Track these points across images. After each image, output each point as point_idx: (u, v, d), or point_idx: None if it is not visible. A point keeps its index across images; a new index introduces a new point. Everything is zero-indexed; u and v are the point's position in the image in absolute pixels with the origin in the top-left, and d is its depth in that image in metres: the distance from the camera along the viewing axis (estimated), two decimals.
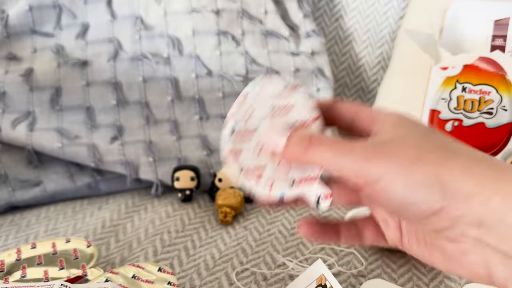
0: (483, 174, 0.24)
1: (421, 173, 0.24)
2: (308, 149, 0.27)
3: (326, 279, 0.38)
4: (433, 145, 0.26)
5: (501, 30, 0.54)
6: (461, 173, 0.24)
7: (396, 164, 0.25)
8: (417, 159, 0.25)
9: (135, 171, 0.67)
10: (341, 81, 0.85)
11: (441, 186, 0.24)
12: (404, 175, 0.24)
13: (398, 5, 0.80)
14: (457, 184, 0.24)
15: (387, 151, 0.25)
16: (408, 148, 0.25)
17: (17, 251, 0.49)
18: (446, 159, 0.24)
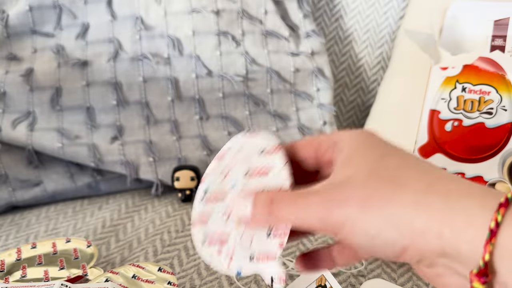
0: (431, 206, 0.24)
1: (375, 216, 0.25)
2: (272, 211, 0.28)
3: (326, 279, 0.38)
4: (381, 181, 0.26)
5: (501, 30, 0.54)
6: (412, 208, 0.24)
7: (351, 209, 0.25)
8: (368, 200, 0.25)
9: (135, 171, 0.67)
10: (341, 81, 0.85)
11: (397, 226, 0.24)
12: (361, 220, 0.25)
13: (398, 5, 0.80)
14: (411, 222, 0.24)
15: (340, 195, 0.26)
16: (358, 189, 0.26)
17: (17, 251, 0.49)
18: (395, 196, 0.25)
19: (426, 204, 0.24)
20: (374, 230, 0.25)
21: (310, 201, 0.27)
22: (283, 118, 0.73)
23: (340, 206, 0.26)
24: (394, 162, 0.27)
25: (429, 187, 0.25)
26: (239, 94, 0.71)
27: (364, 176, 0.26)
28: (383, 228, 0.25)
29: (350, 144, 0.28)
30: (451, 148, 0.56)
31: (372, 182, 0.26)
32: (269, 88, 0.73)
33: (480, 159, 0.54)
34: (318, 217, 0.26)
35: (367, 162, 0.27)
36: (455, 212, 0.23)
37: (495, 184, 0.52)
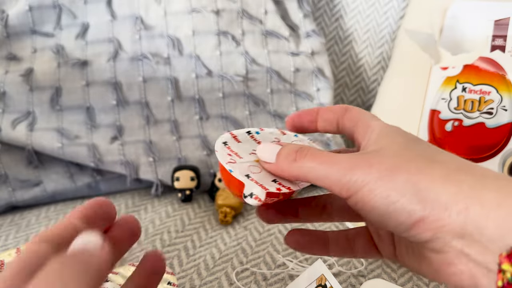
0: (462, 182, 0.23)
1: (400, 182, 0.24)
2: (296, 161, 0.28)
3: (326, 279, 0.38)
4: (413, 154, 0.25)
5: (501, 30, 0.54)
6: (440, 182, 0.23)
7: (376, 173, 0.25)
8: (396, 168, 0.25)
9: (135, 171, 0.67)
10: (341, 81, 0.85)
11: (420, 195, 0.24)
12: (383, 184, 0.24)
13: (398, 5, 0.80)
14: (436, 194, 0.23)
15: (368, 161, 0.26)
16: (388, 157, 0.25)
17: (17, 251, 0.49)
18: (425, 168, 0.24)
19: (456, 180, 0.23)
20: (394, 195, 0.24)
21: (337, 159, 0.27)
22: (283, 118, 0.73)
23: (365, 167, 0.25)
24: (427, 146, 0.27)
25: (462, 167, 0.24)
26: (239, 94, 0.71)
27: (397, 148, 0.26)
28: (404, 194, 0.24)
29: (383, 126, 0.28)
30: (451, 148, 0.56)
31: (404, 153, 0.25)
32: (269, 88, 0.73)
33: (481, 159, 0.54)
34: (339, 175, 0.26)
35: (401, 140, 0.27)
36: (488, 190, 0.22)
37: None
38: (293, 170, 0.28)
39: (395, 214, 0.24)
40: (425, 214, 0.23)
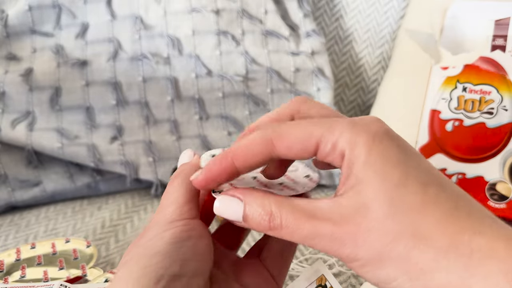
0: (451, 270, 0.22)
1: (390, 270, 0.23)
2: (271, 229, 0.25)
3: (326, 279, 0.38)
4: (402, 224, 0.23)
5: (501, 30, 0.54)
6: (429, 270, 0.23)
7: (365, 256, 0.24)
8: (383, 253, 0.23)
9: (135, 171, 0.67)
10: (341, 81, 0.85)
11: (413, 280, 0.23)
12: (375, 267, 0.24)
13: (399, 5, 0.80)
14: (429, 280, 0.23)
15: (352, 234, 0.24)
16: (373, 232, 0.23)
17: (16, 251, 0.49)
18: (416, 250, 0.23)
19: (446, 266, 0.22)
20: (387, 279, 0.24)
21: (318, 231, 0.24)
22: None
23: (353, 246, 0.24)
24: (414, 194, 0.24)
25: (451, 244, 0.23)
26: (239, 94, 0.71)
27: (383, 213, 0.23)
28: (397, 279, 0.23)
29: (365, 158, 0.24)
30: (452, 148, 0.56)
31: (391, 225, 0.23)
32: (269, 88, 0.73)
33: (481, 159, 0.54)
34: (327, 249, 0.24)
35: (386, 190, 0.24)
36: (475, 280, 0.22)
37: (495, 184, 0.52)
38: (275, 234, 0.25)
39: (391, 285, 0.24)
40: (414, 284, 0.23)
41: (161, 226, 0.26)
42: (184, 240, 0.26)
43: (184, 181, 0.28)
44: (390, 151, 0.25)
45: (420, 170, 0.24)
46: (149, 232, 0.27)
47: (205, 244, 0.27)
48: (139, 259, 0.25)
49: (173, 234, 0.26)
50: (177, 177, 0.29)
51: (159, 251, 0.25)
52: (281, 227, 0.25)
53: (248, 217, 0.26)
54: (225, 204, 0.26)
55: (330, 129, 0.25)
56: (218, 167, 0.26)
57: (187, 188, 0.28)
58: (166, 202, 0.28)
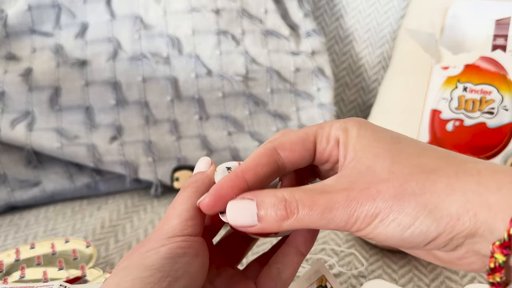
0: (465, 190, 0.24)
1: (409, 208, 0.24)
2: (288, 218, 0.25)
3: (326, 280, 0.38)
4: (407, 169, 0.25)
5: (502, 29, 0.54)
6: (446, 195, 0.24)
7: (382, 204, 0.24)
8: (400, 194, 0.24)
9: (134, 171, 0.66)
10: (342, 81, 0.85)
11: (432, 215, 0.24)
12: (393, 213, 0.24)
13: (399, 4, 0.80)
14: (446, 210, 0.24)
15: (367, 192, 0.24)
16: (385, 181, 0.24)
17: (16, 252, 0.49)
18: (427, 184, 0.24)
19: (460, 187, 0.24)
20: (409, 220, 0.24)
21: (334, 200, 0.25)
22: (283, 118, 0.73)
23: (369, 200, 0.24)
24: (410, 147, 0.26)
25: (459, 169, 0.24)
26: (239, 93, 0.71)
27: (388, 165, 0.25)
28: (418, 217, 0.24)
29: (355, 134, 0.27)
30: (452, 148, 0.56)
31: (399, 170, 0.25)
32: (269, 87, 0.72)
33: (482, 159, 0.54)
34: (344, 217, 0.25)
35: (384, 149, 0.26)
36: (490, 192, 0.23)
37: None
38: (287, 226, 0.26)
39: (411, 238, 0.24)
40: (441, 230, 0.24)
41: (160, 239, 0.27)
42: (178, 257, 0.26)
43: (194, 194, 0.29)
44: (377, 127, 0.28)
45: (400, 135, 0.28)
46: (149, 242, 0.27)
47: (199, 262, 0.27)
48: (132, 270, 0.26)
49: (169, 250, 0.26)
50: (188, 188, 0.29)
51: (152, 264, 0.25)
52: (297, 209, 0.25)
53: (263, 215, 0.25)
54: (237, 209, 0.26)
55: (321, 125, 0.28)
56: (229, 183, 0.27)
57: (194, 202, 0.28)
58: (172, 212, 0.28)
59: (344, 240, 0.54)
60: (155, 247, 0.27)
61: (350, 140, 0.27)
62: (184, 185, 0.30)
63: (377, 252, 0.51)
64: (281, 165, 0.28)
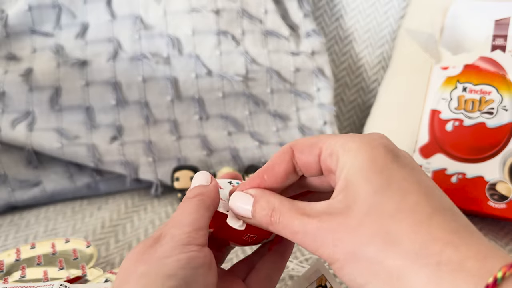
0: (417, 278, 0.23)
1: (365, 269, 0.24)
2: (272, 224, 0.28)
3: (326, 280, 0.38)
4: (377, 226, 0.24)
5: (501, 29, 0.54)
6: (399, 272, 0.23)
7: (341, 255, 0.25)
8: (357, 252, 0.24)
9: (134, 171, 0.67)
10: (341, 81, 0.85)
11: (383, 283, 0.24)
12: (350, 267, 0.25)
13: (399, 4, 0.80)
14: (396, 283, 0.23)
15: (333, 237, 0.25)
16: (351, 232, 0.25)
17: (16, 252, 0.49)
18: (386, 253, 0.24)
19: (412, 272, 0.23)
20: (361, 280, 0.25)
21: (307, 226, 0.26)
22: (283, 118, 0.73)
23: (330, 246, 0.25)
24: (392, 201, 0.25)
25: (421, 250, 0.23)
26: (239, 94, 0.71)
27: (361, 215, 0.25)
28: (369, 281, 0.24)
29: (353, 162, 0.26)
30: (452, 148, 0.56)
31: (367, 225, 0.24)
32: (269, 88, 0.73)
33: (481, 159, 0.54)
34: (311, 248, 0.26)
35: (367, 194, 0.25)
36: None
37: (495, 184, 0.52)
38: (273, 229, 0.28)
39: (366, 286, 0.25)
40: None
41: (178, 246, 0.27)
42: (198, 267, 0.26)
43: (203, 204, 0.29)
44: (378, 157, 0.26)
45: (405, 179, 0.25)
46: (164, 245, 0.27)
47: (213, 274, 0.28)
48: (155, 278, 0.25)
49: (189, 259, 0.26)
50: (195, 197, 0.29)
51: (175, 274, 0.25)
52: (278, 221, 0.27)
53: (254, 213, 0.29)
54: (238, 199, 0.29)
55: (332, 137, 0.28)
56: (249, 183, 0.29)
57: (204, 213, 0.29)
58: (183, 219, 0.28)
59: None
60: (173, 254, 0.26)
61: (346, 167, 0.26)
62: (189, 194, 0.30)
63: None
64: (296, 164, 0.29)
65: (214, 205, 0.30)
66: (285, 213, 0.27)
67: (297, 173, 0.30)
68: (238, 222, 0.30)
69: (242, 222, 0.30)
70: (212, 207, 0.30)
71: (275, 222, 0.27)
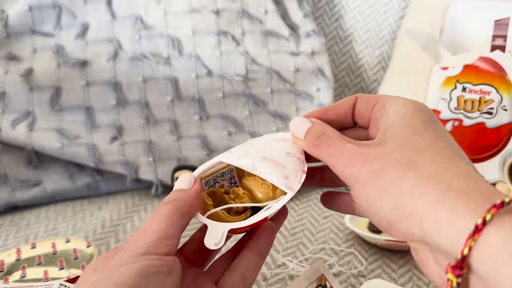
0: (425, 195, 0.25)
1: (379, 187, 0.27)
2: (316, 146, 0.31)
3: (326, 279, 0.38)
4: (400, 156, 0.27)
5: (501, 30, 0.54)
6: (408, 193, 0.26)
7: (364, 175, 0.28)
8: (380, 173, 0.27)
9: (135, 171, 0.67)
10: (341, 81, 0.85)
11: (389, 202, 0.26)
12: (367, 186, 0.27)
13: (398, 5, 0.80)
14: (403, 204, 0.26)
15: (363, 160, 0.28)
16: (380, 157, 0.28)
17: (17, 251, 0.49)
18: (402, 176, 0.26)
19: (421, 193, 0.25)
20: (373, 199, 0.27)
21: (343, 151, 0.29)
22: (283, 118, 0.73)
23: (359, 166, 0.28)
24: (422, 143, 0.28)
25: (435, 176, 0.26)
26: (239, 94, 0.71)
27: (394, 147, 0.28)
28: (381, 200, 0.27)
29: (399, 110, 0.30)
30: None
31: (396, 154, 0.27)
32: (269, 88, 0.73)
33: (481, 159, 0.54)
34: (341, 169, 0.29)
35: (405, 133, 0.28)
36: (444, 209, 0.24)
37: (495, 184, 0.52)
38: (314, 153, 0.31)
39: (376, 214, 0.28)
40: (393, 221, 0.26)
41: (133, 255, 0.26)
42: (152, 276, 0.26)
43: (174, 212, 0.29)
44: (422, 111, 0.30)
45: (440, 131, 0.29)
46: (120, 255, 0.27)
47: (172, 282, 0.27)
48: (107, 286, 0.25)
49: (143, 267, 0.26)
50: (169, 205, 0.29)
51: (125, 281, 0.25)
52: (323, 143, 0.30)
53: (308, 133, 0.31)
54: (299, 122, 0.32)
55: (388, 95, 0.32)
56: (313, 114, 0.33)
57: (174, 221, 0.28)
58: (150, 227, 0.28)
59: (343, 239, 0.54)
60: (127, 262, 0.26)
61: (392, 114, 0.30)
62: (165, 200, 0.30)
63: (376, 252, 0.51)
64: (355, 110, 0.33)
65: (190, 212, 0.29)
66: (332, 137, 0.30)
67: (354, 119, 0.33)
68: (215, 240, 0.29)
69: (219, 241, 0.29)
70: (187, 215, 0.29)
71: (320, 143, 0.30)
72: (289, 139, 0.34)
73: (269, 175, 0.31)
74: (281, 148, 0.33)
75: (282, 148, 0.33)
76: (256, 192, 0.33)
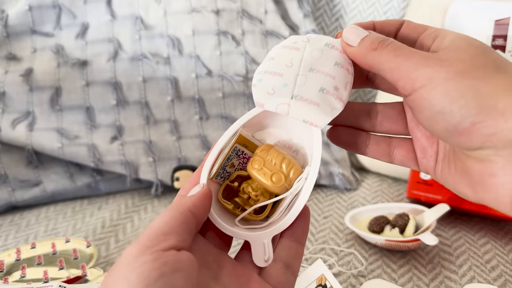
0: None
1: (463, 85, 0.25)
2: (376, 50, 0.29)
3: (326, 279, 0.38)
4: (483, 62, 0.26)
5: (501, 30, 0.54)
6: (502, 90, 0.24)
7: (444, 73, 0.26)
8: (464, 72, 0.26)
9: (135, 171, 0.67)
10: None
11: (479, 100, 0.25)
12: (448, 84, 0.25)
13: (398, 5, 0.80)
14: (495, 101, 0.24)
15: (440, 61, 0.27)
16: (459, 61, 0.26)
17: (16, 251, 0.49)
18: (491, 76, 0.25)
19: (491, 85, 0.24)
20: (455, 95, 0.25)
21: (412, 54, 0.27)
22: None
23: (437, 65, 0.26)
24: (498, 56, 0.27)
25: (508, 88, 0.25)
26: (239, 94, 0.71)
27: (469, 55, 0.27)
28: (464, 96, 0.25)
29: (456, 34, 0.29)
30: None
31: (475, 60, 0.26)
32: None
33: None
34: (410, 69, 0.27)
35: (473, 47, 0.27)
36: None
37: None
38: (369, 58, 0.29)
39: (449, 116, 0.25)
40: (479, 119, 0.24)
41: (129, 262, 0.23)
42: (155, 281, 0.22)
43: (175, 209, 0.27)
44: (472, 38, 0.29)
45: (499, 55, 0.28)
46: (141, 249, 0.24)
47: (181, 278, 0.24)
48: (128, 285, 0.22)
49: (140, 275, 0.22)
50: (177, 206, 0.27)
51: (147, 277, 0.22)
52: (385, 46, 0.29)
53: (364, 40, 0.30)
54: (353, 29, 0.31)
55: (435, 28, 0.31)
56: (364, 24, 0.32)
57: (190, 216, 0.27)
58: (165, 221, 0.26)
59: (343, 240, 0.54)
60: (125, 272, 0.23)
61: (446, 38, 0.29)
62: (181, 192, 0.29)
63: (376, 252, 0.51)
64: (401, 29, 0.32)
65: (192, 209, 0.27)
66: (397, 43, 0.29)
67: None
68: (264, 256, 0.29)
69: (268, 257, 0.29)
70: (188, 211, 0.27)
71: (381, 47, 0.29)
72: (337, 47, 0.32)
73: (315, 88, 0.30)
74: (329, 57, 0.32)
75: (330, 58, 0.32)
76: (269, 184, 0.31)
